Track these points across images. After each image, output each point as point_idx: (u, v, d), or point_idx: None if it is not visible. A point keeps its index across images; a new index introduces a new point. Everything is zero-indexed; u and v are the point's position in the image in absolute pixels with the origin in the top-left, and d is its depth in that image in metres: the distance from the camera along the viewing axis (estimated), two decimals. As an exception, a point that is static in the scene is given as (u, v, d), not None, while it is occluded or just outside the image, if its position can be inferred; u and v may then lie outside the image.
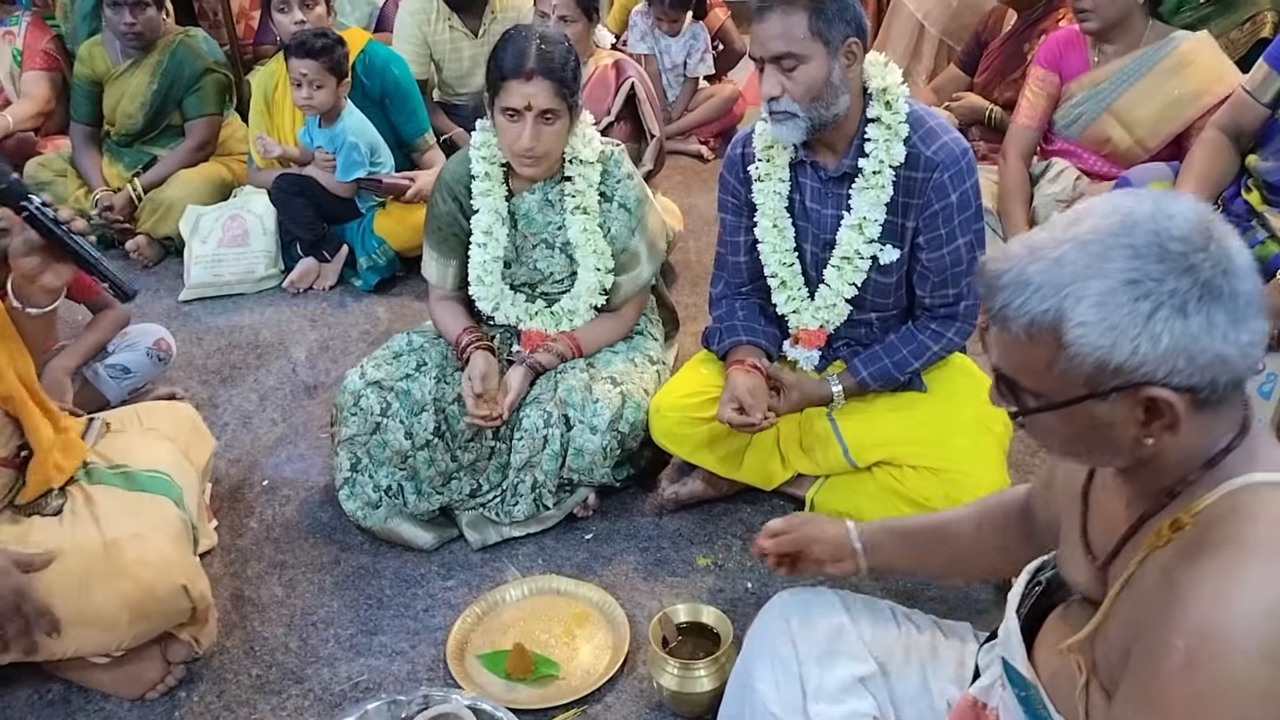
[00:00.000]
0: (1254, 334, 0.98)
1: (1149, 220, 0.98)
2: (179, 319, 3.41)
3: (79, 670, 1.93)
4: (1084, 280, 0.97)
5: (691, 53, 4.62)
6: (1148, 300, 0.96)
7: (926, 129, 2.10)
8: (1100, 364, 0.98)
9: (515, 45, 2.22)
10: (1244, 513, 0.99)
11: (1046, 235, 1.02)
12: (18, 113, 4.01)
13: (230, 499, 2.51)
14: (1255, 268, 1.00)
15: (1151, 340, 0.96)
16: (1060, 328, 0.99)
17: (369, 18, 4.52)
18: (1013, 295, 1.01)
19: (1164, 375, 0.97)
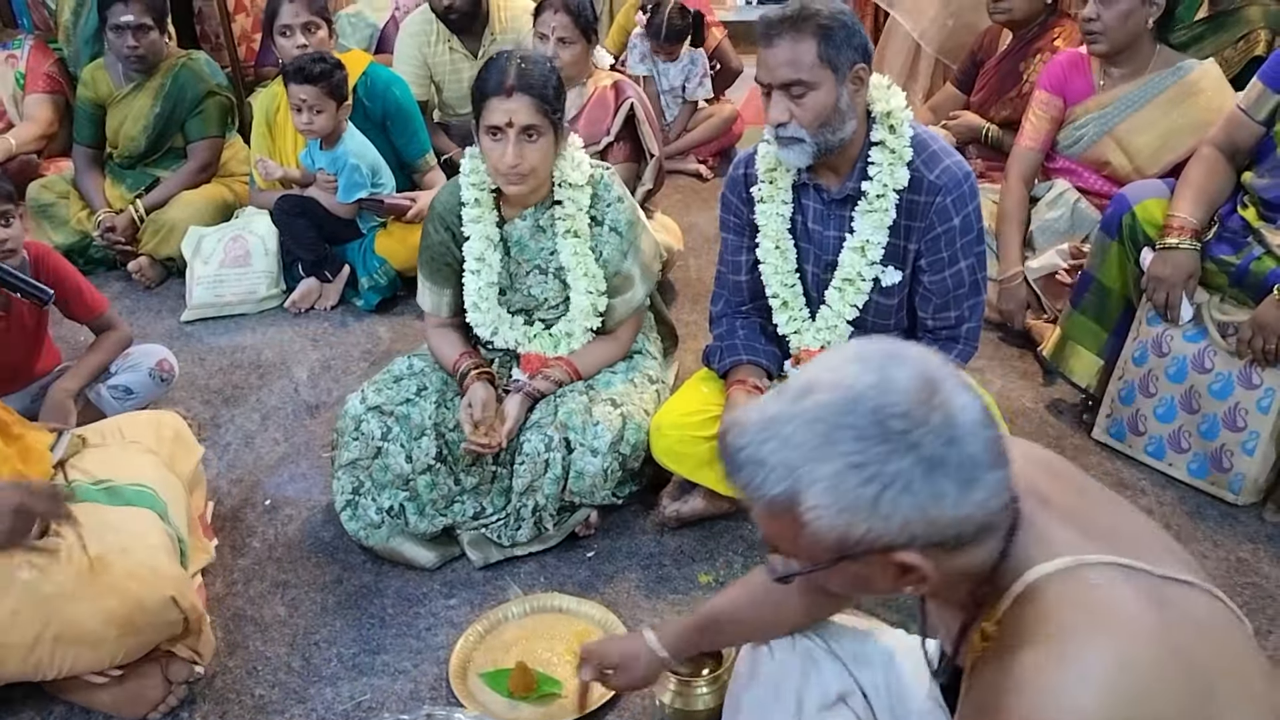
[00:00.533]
0: (989, 489, 1.00)
1: (871, 395, 0.98)
2: (181, 339, 3.42)
3: (80, 691, 1.93)
4: (813, 463, 0.98)
5: (690, 77, 4.65)
6: (874, 484, 0.97)
7: (930, 152, 2.11)
8: (841, 539, 1.00)
9: (497, 65, 2.25)
10: (1030, 615, 1.02)
11: (779, 407, 1.02)
12: (21, 135, 4.03)
13: (232, 518, 2.52)
14: (983, 420, 1.01)
15: (883, 520, 0.98)
16: (796, 509, 1.00)
17: (370, 39, 4.55)
18: (751, 475, 1.02)
19: (905, 542, 1.00)
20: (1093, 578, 1.03)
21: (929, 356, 1.03)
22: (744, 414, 1.05)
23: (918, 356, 1.03)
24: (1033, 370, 3.09)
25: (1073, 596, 1.02)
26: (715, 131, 4.77)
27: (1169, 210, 2.53)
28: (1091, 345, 2.74)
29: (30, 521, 1.79)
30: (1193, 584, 1.05)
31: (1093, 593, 1.01)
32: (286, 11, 3.50)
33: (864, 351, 1.04)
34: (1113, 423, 2.70)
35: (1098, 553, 1.04)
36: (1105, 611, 1.00)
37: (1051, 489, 1.13)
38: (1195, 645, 1.00)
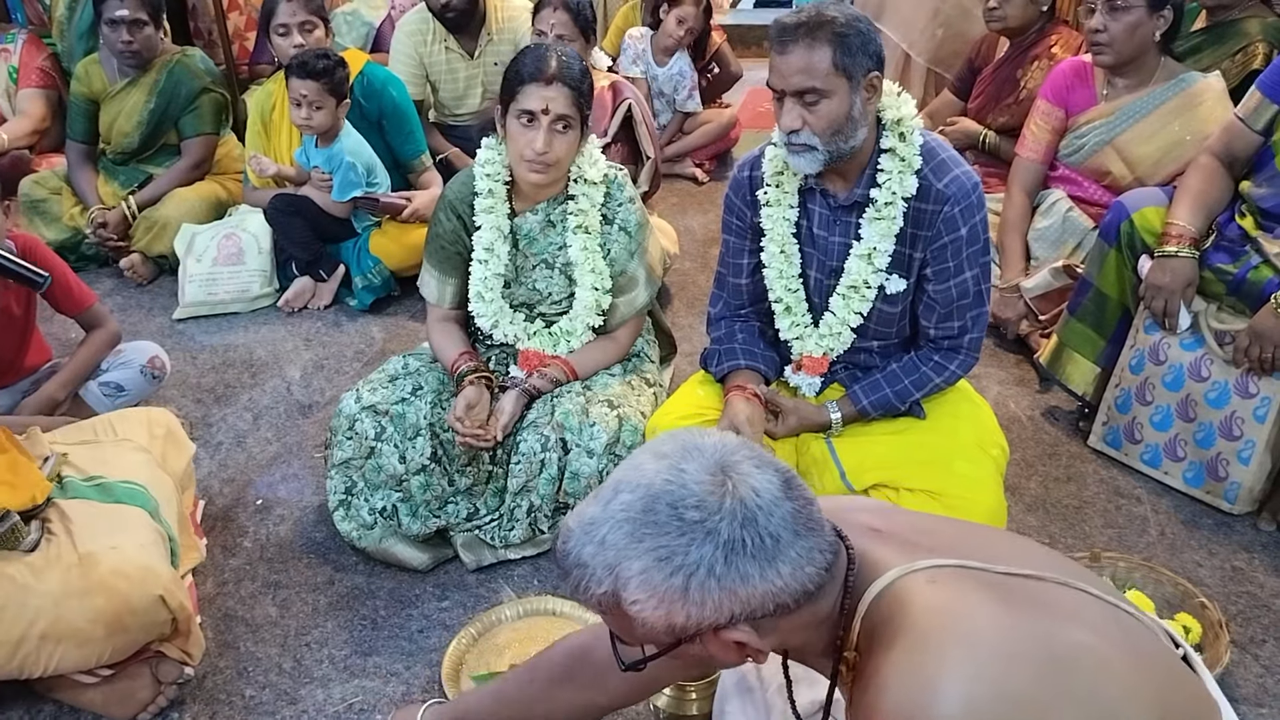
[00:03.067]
0: (795, 560, 1.05)
1: (666, 491, 1.06)
2: (173, 337, 3.40)
3: (69, 691, 1.91)
4: (627, 560, 1.05)
5: (679, 88, 4.63)
6: (680, 574, 1.03)
7: (938, 161, 2.10)
8: (669, 626, 1.06)
9: (536, 53, 2.25)
10: (880, 629, 1.08)
11: (594, 510, 1.10)
12: (13, 130, 4.01)
13: (224, 518, 2.50)
14: (781, 495, 1.06)
15: (697, 605, 1.04)
16: (620, 604, 1.06)
17: (365, 38, 4.53)
18: (579, 577, 1.09)
19: (726, 620, 1.05)
20: (927, 577, 1.09)
21: (725, 442, 1.10)
22: (570, 519, 1.12)
23: (713, 445, 1.09)
24: (1029, 377, 3.09)
25: (911, 597, 1.08)
26: (713, 137, 4.76)
27: (1167, 218, 2.53)
28: (1088, 353, 2.74)
29: None
30: (1043, 579, 1.10)
31: (930, 589, 1.08)
32: (283, 10, 3.49)
33: (661, 448, 1.11)
34: (1109, 430, 2.70)
35: (929, 559, 1.10)
36: (945, 602, 1.06)
37: (887, 524, 1.20)
38: (1043, 619, 1.05)
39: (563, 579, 1.13)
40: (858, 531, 1.16)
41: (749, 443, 1.11)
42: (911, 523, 1.24)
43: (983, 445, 2.19)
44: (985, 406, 2.32)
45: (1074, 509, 2.52)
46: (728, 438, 1.11)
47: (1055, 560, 1.17)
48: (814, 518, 1.08)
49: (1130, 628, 1.11)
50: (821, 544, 1.07)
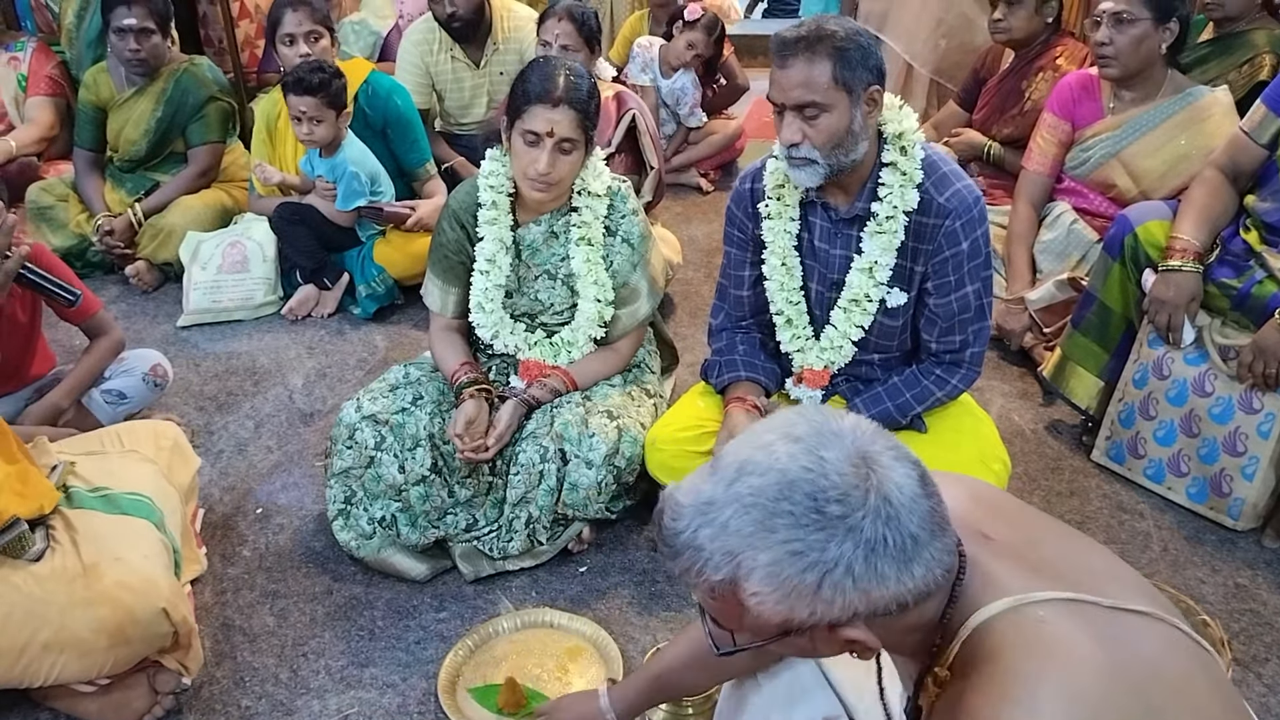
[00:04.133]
0: (927, 562, 1.00)
1: (804, 479, 0.98)
2: (177, 345, 3.40)
3: (66, 699, 1.91)
4: (753, 550, 0.98)
5: (681, 102, 4.63)
6: (813, 571, 0.96)
7: (940, 175, 2.09)
8: (785, 621, 1.00)
9: (544, 71, 2.24)
10: (980, 656, 1.02)
11: (713, 489, 1.01)
12: (21, 138, 4.03)
13: (223, 526, 2.50)
14: (920, 492, 1.00)
15: (825, 604, 0.98)
16: (738, 594, 1.00)
17: (373, 47, 4.56)
18: (691, 560, 1.01)
19: (848, 619, 1.00)
20: (1039, 615, 1.02)
21: (861, 427, 1.03)
22: (679, 494, 1.04)
23: (850, 430, 1.02)
24: (1032, 391, 3.07)
25: (1019, 636, 1.01)
26: (718, 148, 4.76)
27: (1171, 232, 2.52)
28: (1092, 366, 2.73)
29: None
30: (1145, 614, 1.05)
31: (1039, 630, 1.01)
32: (290, 20, 3.50)
33: (795, 429, 1.02)
34: (1112, 445, 2.69)
35: (1044, 588, 1.04)
36: (1052, 648, 0.99)
37: (996, 527, 1.13)
38: (1145, 677, 1.00)
39: (668, 557, 1.04)
40: (968, 535, 1.09)
41: (882, 429, 1.04)
42: (1014, 523, 1.16)
43: (984, 460, 2.18)
44: (987, 420, 2.31)
45: (1076, 524, 2.51)
46: (862, 421, 1.03)
47: (1139, 584, 1.12)
48: (945, 516, 1.03)
49: (1208, 664, 1.08)
50: (949, 545, 1.03)
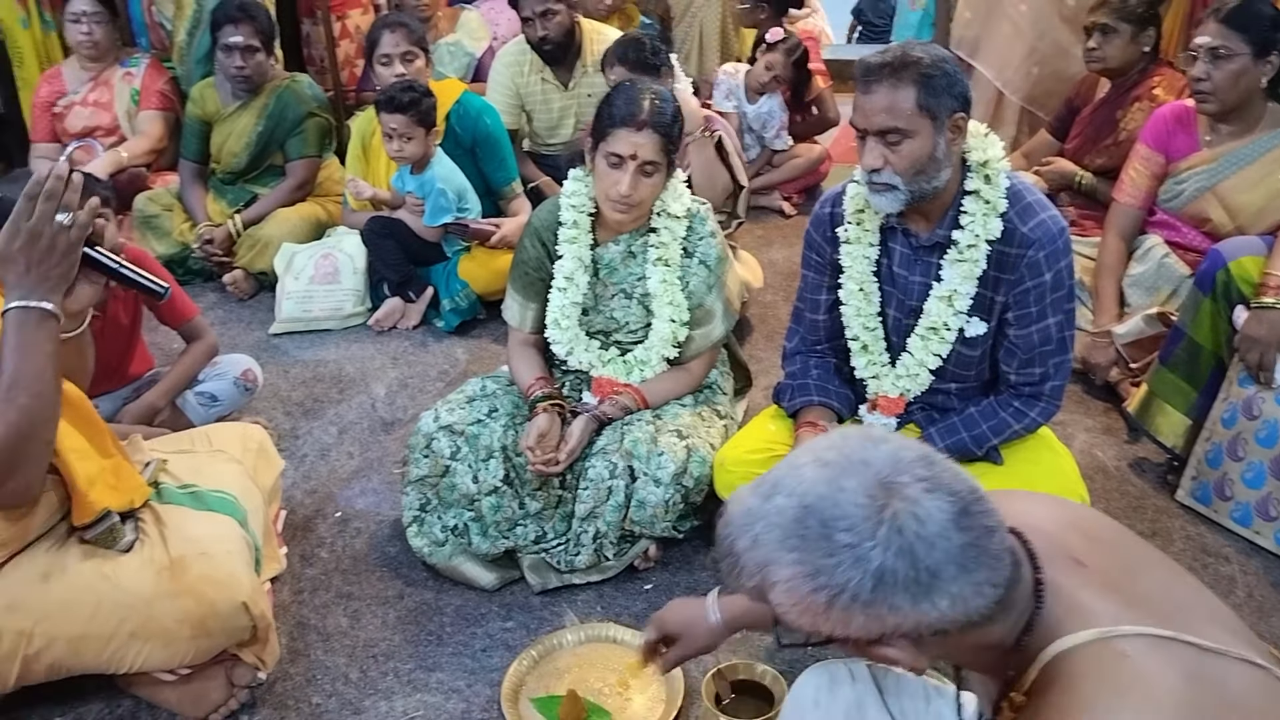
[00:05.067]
0: (955, 595, 0.99)
1: (820, 507, 0.99)
2: (268, 351, 3.53)
3: (148, 687, 1.99)
4: (775, 565, 1.01)
5: (767, 126, 4.65)
6: (823, 592, 0.99)
7: (1024, 204, 2.07)
8: (814, 631, 1.03)
9: (630, 95, 2.28)
10: (1058, 686, 1.01)
11: (754, 502, 1.05)
12: (132, 149, 4.23)
13: (303, 528, 2.58)
14: (952, 525, 0.98)
15: (841, 624, 1.00)
16: (767, 600, 1.04)
17: (467, 68, 4.66)
18: (730, 565, 1.06)
19: (876, 638, 1.01)
20: (1124, 649, 1.00)
21: (900, 457, 1.02)
22: (733, 502, 1.09)
23: (883, 459, 1.01)
24: (1117, 426, 3.00)
25: (1101, 669, 1.00)
26: (800, 172, 4.76)
27: (1266, 268, 2.45)
28: (1179, 404, 2.66)
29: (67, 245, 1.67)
30: (1237, 657, 1.02)
31: (1120, 664, 0.99)
32: (387, 41, 3.62)
33: (826, 454, 1.04)
34: (1198, 485, 2.61)
35: (1134, 622, 1.02)
36: (1132, 684, 0.98)
37: (1088, 553, 1.11)
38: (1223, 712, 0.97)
39: (719, 558, 1.10)
40: (1057, 560, 1.08)
41: (931, 456, 1.04)
42: (1113, 552, 1.14)
43: (1062, 494, 2.14)
44: (1067, 455, 2.26)
45: (1157, 565, 2.44)
46: (907, 448, 1.04)
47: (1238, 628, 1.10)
48: (989, 550, 1.00)
49: None
50: (995, 577, 1.01)
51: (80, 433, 1.87)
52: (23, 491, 1.71)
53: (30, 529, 1.84)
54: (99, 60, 4.26)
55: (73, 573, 1.82)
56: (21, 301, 1.63)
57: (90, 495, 1.84)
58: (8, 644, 1.78)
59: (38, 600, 1.79)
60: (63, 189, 1.64)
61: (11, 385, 1.62)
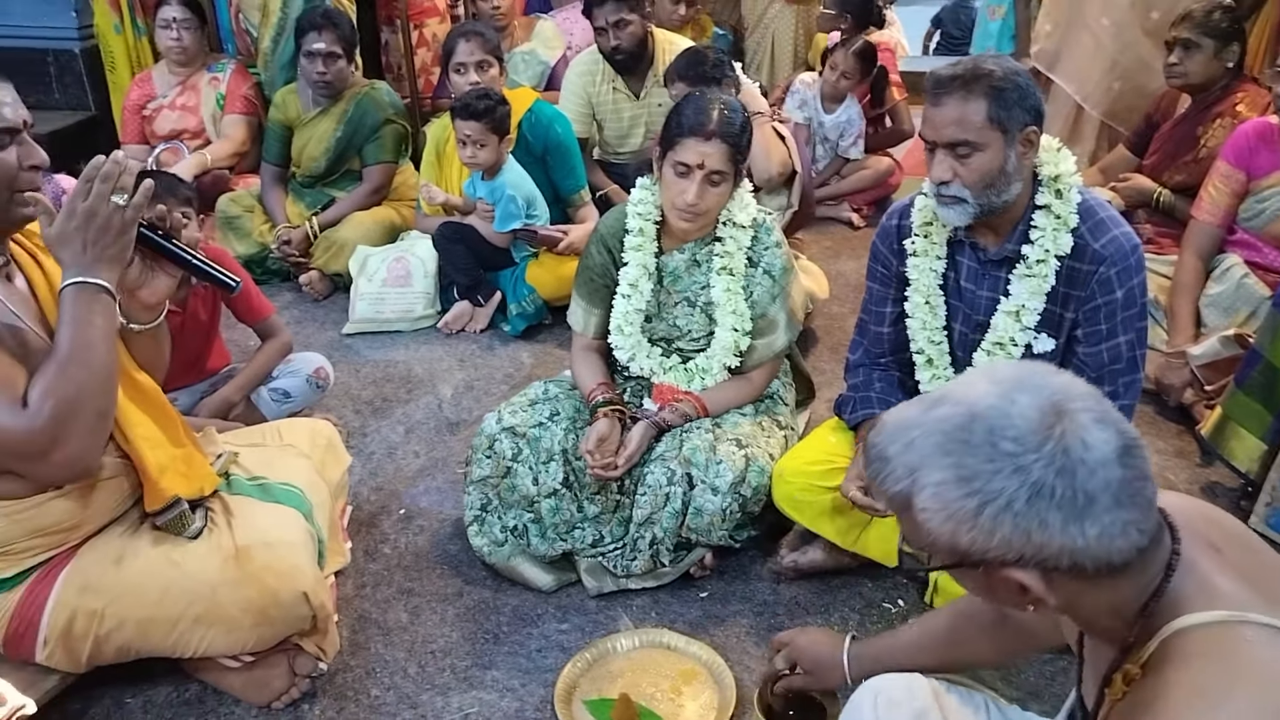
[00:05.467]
0: (1106, 527, 0.99)
1: (988, 415, 1.02)
2: (340, 350, 3.61)
3: (214, 672, 2.06)
4: (926, 469, 1.04)
5: (845, 134, 4.64)
6: (975, 498, 1.00)
7: (1097, 220, 2.04)
8: (952, 544, 1.03)
9: (699, 105, 2.30)
10: (1176, 662, 1.00)
11: (913, 413, 1.08)
12: (216, 152, 4.36)
13: (368, 524, 2.63)
14: (1115, 460, 0.99)
15: (985, 534, 1.00)
16: (911, 508, 1.05)
17: (540, 76, 4.72)
18: (879, 469, 1.09)
19: (1014, 559, 1.01)
20: (1247, 635, 1.00)
21: (1073, 388, 1.04)
22: (890, 414, 1.12)
23: (1057, 386, 1.04)
24: (1190, 450, 2.93)
25: (1221, 651, 1.00)
26: (870, 183, 4.73)
27: (1349, 291, 2.37)
28: (1255, 428, 2.58)
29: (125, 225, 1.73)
30: None
31: (1241, 650, 0.99)
32: (462, 50, 3.69)
33: (999, 373, 1.07)
34: (1272, 512, 2.53)
35: (1262, 611, 1.02)
36: (1250, 668, 0.98)
37: (1224, 542, 1.11)
38: None
39: (865, 465, 1.14)
40: (1195, 540, 1.09)
41: (1100, 395, 1.05)
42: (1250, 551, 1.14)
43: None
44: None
45: (1228, 592, 2.37)
46: (1081, 384, 1.06)
47: None
48: (1143, 494, 1.01)
49: None
50: (1142, 524, 1.02)
51: (153, 422, 1.94)
52: (75, 462, 1.75)
53: (102, 513, 1.91)
54: (187, 65, 4.41)
55: (143, 557, 1.89)
56: (78, 278, 1.70)
57: (161, 483, 1.91)
58: (81, 623, 1.85)
59: (110, 582, 1.86)
60: (118, 172, 1.71)
61: (66, 357, 1.69)
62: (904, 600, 2.32)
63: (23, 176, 1.73)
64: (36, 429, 1.66)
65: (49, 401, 1.66)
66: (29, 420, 1.66)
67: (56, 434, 1.68)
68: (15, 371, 1.69)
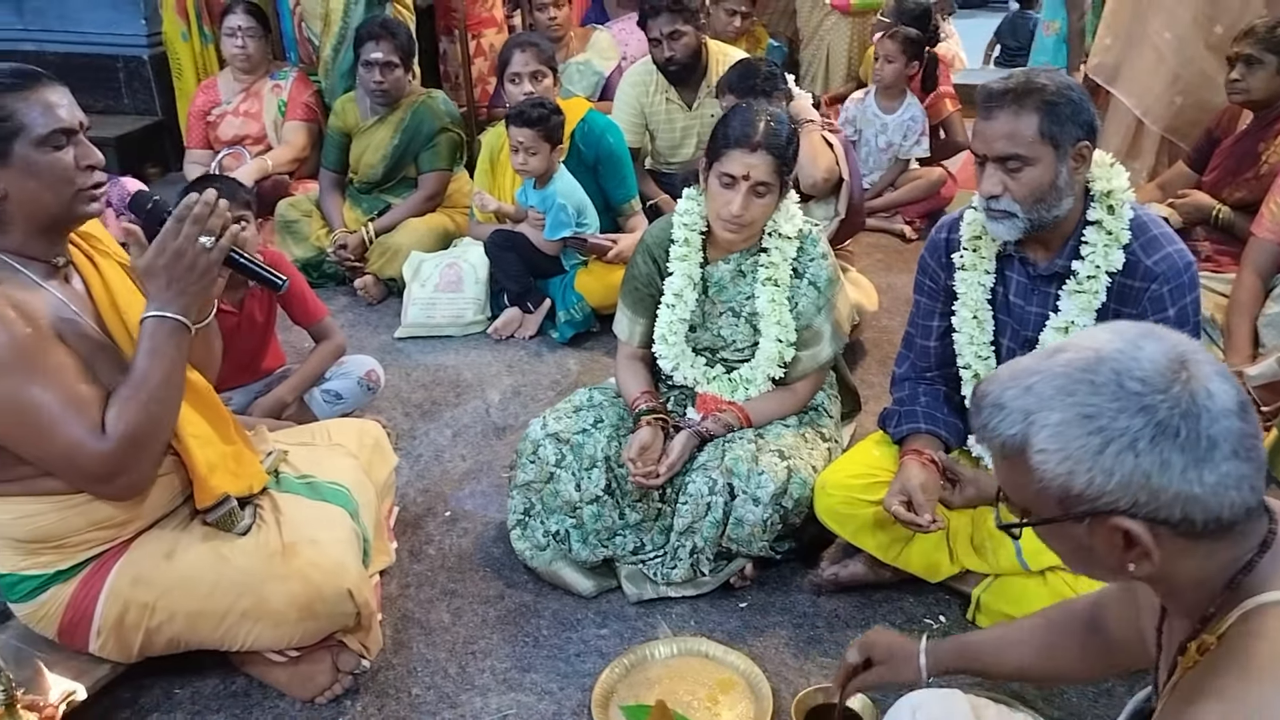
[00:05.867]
0: (1223, 476, 0.99)
1: (1115, 358, 1.02)
2: (392, 354, 3.67)
3: (260, 666, 2.10)
4: (1047, 410, 1.03)
5: (908, 134, 4.61)
6: (1099, 435, 1.00)
7: (1149, 237, 2.02)
8: (1064, 490, 1.03)
9: (745, 116, 2.32)
10: (1254, 634, 1.00)
11: (1030, 362, 1.08)
12: (277, 157, 4.46)
13: (414, 525, 2.67)
14: (1234, 411, 1.00)
15: (1105, 473, 1.00)
16: (1025, 452, 1.04)
17: (595, 87, 4.77)
18: (989, 416, 1.08)
19: (1128, 506, 1.00)
20: None
21: (1192, 343, 1.06)
22: (1002, 369, 1.13)
23: (1179, 340, 1.05)
24: (1245, 471, 2.86)
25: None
26: (921, 193, 4.70)
27: None
28: (1311, 451, 2.52)
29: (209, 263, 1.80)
30: None
31: None
32: (517, 60, 3.74)
33: (1121, 326, 1.08)
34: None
35: None
36: None
37: None
38: None
39: (973, 415, 1.13)
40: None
41: (1214, 358, 1.06)
42: None
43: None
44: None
45: None
46: (1195, 342, 1.07)
47: None
48: (1257, 451, 1.02)
49: None
50: (1254, 481, 1.02)
51: (205, 420, 2.00)
52: (133, 488, 1.86)
53: (154, 509, 1.96)
54: (251, 73, 4.52)
55: (193, 552, 1.95)
56: (159, 311, 1.78)
57: (210, 480, 1.96)
58: (133, 615, 1.91)
59: (160, 576, 1.92)
60: (208, 215, 1.79)
61: (139, 386, 1.77)
62: (946, 616, 2.30)
63: (80, 175, 1.80)
64: (108, 454, 1.75)
65: (124, 430, 1.75)
66: (104, 444, 1.74)
67: (126, 462, 1.78)
68: (90, 390, 1.76)
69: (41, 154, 1.74)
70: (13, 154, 1.72)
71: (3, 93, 1.72)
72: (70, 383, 1.74)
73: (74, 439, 1.72)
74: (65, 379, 1.73)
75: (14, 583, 1.91)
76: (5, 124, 1.71)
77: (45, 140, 1.74)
